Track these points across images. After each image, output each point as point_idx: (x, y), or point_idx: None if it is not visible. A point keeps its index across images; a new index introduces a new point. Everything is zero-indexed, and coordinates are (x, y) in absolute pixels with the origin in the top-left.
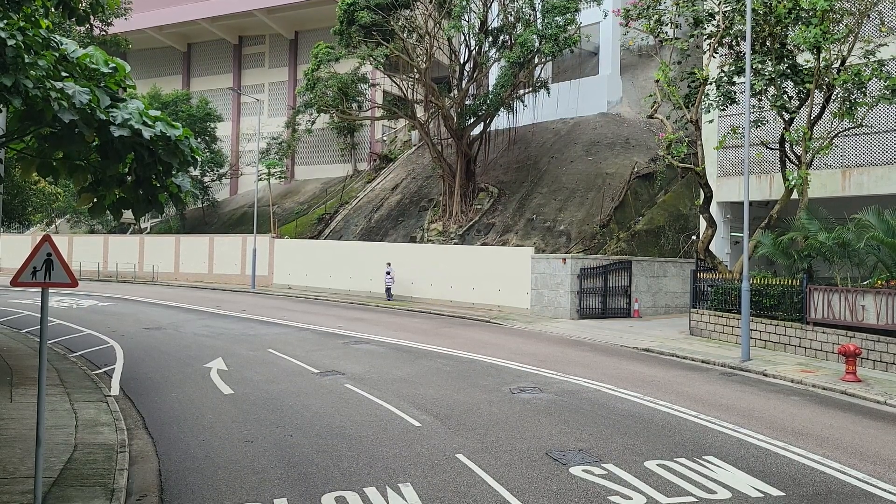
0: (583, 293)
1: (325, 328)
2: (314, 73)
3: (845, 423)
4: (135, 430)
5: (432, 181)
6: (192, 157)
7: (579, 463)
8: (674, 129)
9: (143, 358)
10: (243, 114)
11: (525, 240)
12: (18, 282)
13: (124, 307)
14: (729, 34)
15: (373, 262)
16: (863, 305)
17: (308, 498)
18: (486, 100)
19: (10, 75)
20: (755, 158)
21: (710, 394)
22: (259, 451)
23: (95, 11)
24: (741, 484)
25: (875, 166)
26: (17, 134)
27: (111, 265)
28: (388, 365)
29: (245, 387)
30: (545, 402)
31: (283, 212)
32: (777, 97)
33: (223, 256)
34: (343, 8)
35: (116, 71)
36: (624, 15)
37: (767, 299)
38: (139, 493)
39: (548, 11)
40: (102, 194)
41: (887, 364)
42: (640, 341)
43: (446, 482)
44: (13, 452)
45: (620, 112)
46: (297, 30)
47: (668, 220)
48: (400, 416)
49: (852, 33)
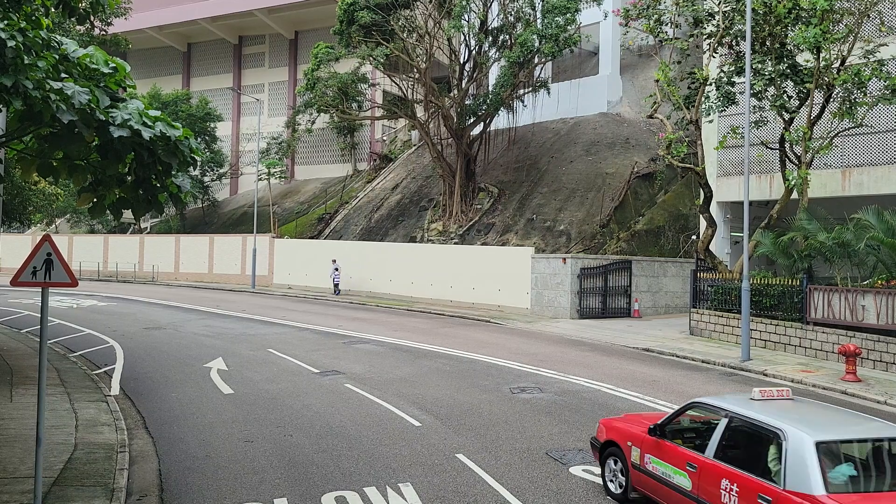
0: (583, 293)
1: (324, 328)
2: (314, 73)
3: None
4: (135, 430)
5: (432, 181)
6: (191, 158)
7: (579, 463)
8: (674, 129)
9: (144, 358)
10: (243, 114)
11: (525, 240)
12: (18, 281)
13: (124, 307)
14: (729, 34)
15: (373, 262)
16: (863, 305)
17: (308, 498)
18: (486, 100)
19: (10, 76)
20: (755, 158)
21: (710, 394)
22: (259, 450)
23: (95, 11)
24: None
25: (875, 166)
26: (17, 134)
27: (111, 265)
28: (388, 365)
29: (245, 386)
30: (545, 401)
31: (283, 212)
32: (777, 97)
33: (223, 256)
34: (343, 8)
35: (116, 71)
36: (624, 15)
37: (767, 299)
38: (139, 492)
39: (548, 11)
40: (102, 194)
41: (887, 364)
42: (641, 341)
43: (446, 482)
44: (13, 452)
45: (620, 112)
46: (297, 30)
47: (668, 219)
48: (400, 416)
49: (852, 33)
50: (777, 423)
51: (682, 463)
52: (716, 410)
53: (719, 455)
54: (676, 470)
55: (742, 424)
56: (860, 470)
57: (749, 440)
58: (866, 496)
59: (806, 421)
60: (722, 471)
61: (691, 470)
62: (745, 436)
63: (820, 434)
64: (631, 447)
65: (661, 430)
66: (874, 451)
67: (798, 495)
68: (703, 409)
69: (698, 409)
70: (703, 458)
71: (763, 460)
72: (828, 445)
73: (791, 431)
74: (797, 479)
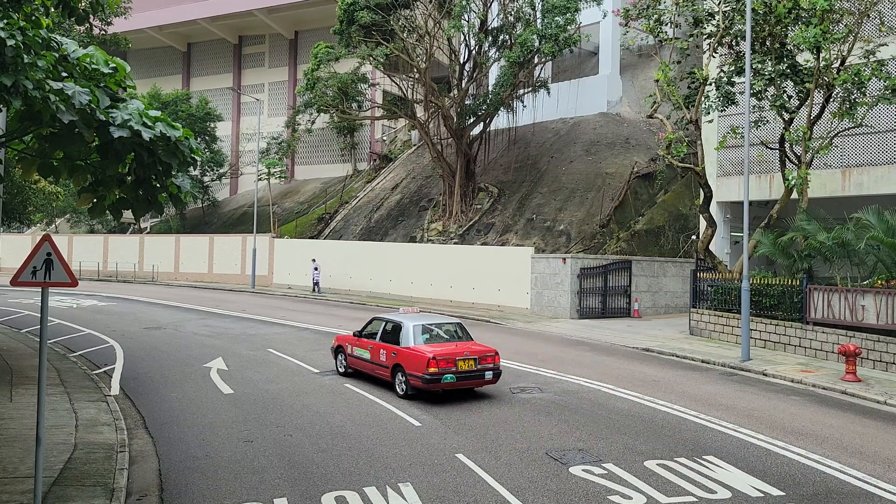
0: (583, 293)
1: (325, 328)
2: (314, 73)
3: (845, 423)
4: (135, 430)
5: (432, 181)
6: (191, 158)
7: (579, 462)
8: (674, 129)
9: (144, 357)
10: (243, 113)
11: (525, 239)
12: (18, 281)
13: (124, 307)
14: (729, 34)
15: (373, 262)
16: (863, 305)
17: (308, 497)
18: (486, 99)
19: (9, 75)
20: (755, 158)
21: (710, 394)
22: (259, 450)
23: (95, 11)
24: (741, 483)
25: (875, 166)
26: (17, 134)
27: (111, 265)
28: None
29: (245, 386)
30: (545, 401)
31: (283, 211)
32: (777, 97)
33: (223, 256)
34: (343, 8)
35: (116, 71)
36: (624, 15)
37: (767, 299)
38: (139, 492)
39: (548, 11)
40: (102, 194)
41: (887, 364)
42: (640, 341)
43: (446, 482)
44: (13, 452)
45: (620, 112)
46: (297, 29)
47: (668, 219)
48: (400, 416)
49: (852, 33)
50: (402, 320)
51: (366, 346)
52: (381, 319)
53: (382, 339)
54: (364, 350)
55: (391, 323)
56: (431, 336)
57: (393, 329)
58: (432, 345)
59: (414, 318)
60: (382, 346)
61: (370, 349)
62: (393, 328)
63: (417, 321)
64: (347, 346)
65: (359, 333)
66: (437, 328)
67: (407, 347)
68: (378, 320)
69: (376, 320)
70: (375, 342)
71: (397, 336)
72: (419, 326)
73: (406, 322)
74: (407, 341)
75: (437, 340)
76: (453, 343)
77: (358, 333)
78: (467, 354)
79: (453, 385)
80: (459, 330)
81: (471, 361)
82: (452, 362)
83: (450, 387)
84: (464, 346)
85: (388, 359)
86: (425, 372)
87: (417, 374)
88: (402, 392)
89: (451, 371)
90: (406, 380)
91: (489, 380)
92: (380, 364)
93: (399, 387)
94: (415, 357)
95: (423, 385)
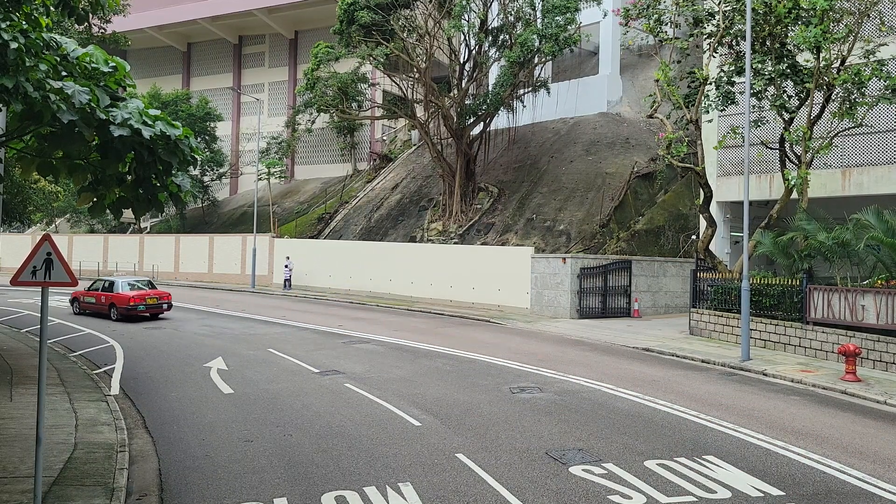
0: (583, 293)
1: (324, 327)
2: (314, 73)
3: (845, 423)
4: (135, 430)
5: (432, 181)
6: (191, 157)
7: (579, 462)
8: (674, 129)
9: (143, 357)
10: (243, 113)
11: (525, 239)
12: (18, 281)
13: None
14: (729, 34)
15: (373, 262)
16: (863, 305)
17: (308, 497)
18: (486, 99)
19: (10, 77)
20: (755, 158)
21: (709, 393)
22: (259, 450)
23: (95, 10)
24: (741, 483)
25: (875, 166)
26: (16, 133)
27: (111, 264)
28: (388, 364)
29: (245, 386)
30: (545, 401)
31: (283, 211)
32: (777, 97)
33: (223, 256)
34: (343, 7)
35: (116, 70)
36: (624, 14)
37: (767, 299)
38: (139, 492)
39: (548, 11)
40: (102, 193)
41: (887, 364)
42: (640, 341)
43: (446, 481)
44: (13, 452)
45: (620, 112)
46: (297, 29)
47: (668, 219)
48: (400, 416)
49: (852, 33)
50: (115, 279)
51: (93, 295)
52: (102, 279)
53: (102, 290)
54: (92, 299)
55: (108, 281)
56: (131, 287)
57: (110, 284)
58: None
59: (122, 277)
60: (100, 294)
61: (97, 296)
62: (110, 284)
63: (124, 279)
64: (80, 296)
65: (89, 289)
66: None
67: (117, 293)
68: (100, 280)
69: (98, 281)
70: (97, 293)
71: (112, 288)
72: (125, 282)
73: (117, 280)
74: (117, 290)
75: (135, 289)
76: (145, 291)
77: (88, 289)
78: (152, 296)
79: (144, 312)
80: (148, 285)
81: (154, 299)
82: (143, 299)
83: (143, 313)
84: (150, 292)
85: (106, 300)
86: (128, 305)
87: (123, 307)
88: (114, 318)
89: (143, 304)
90: (117, 311)
91: (165, 308)
92: (101, 304)
93: (113, 316)
94: (121, 298)
95: (126, 313)
